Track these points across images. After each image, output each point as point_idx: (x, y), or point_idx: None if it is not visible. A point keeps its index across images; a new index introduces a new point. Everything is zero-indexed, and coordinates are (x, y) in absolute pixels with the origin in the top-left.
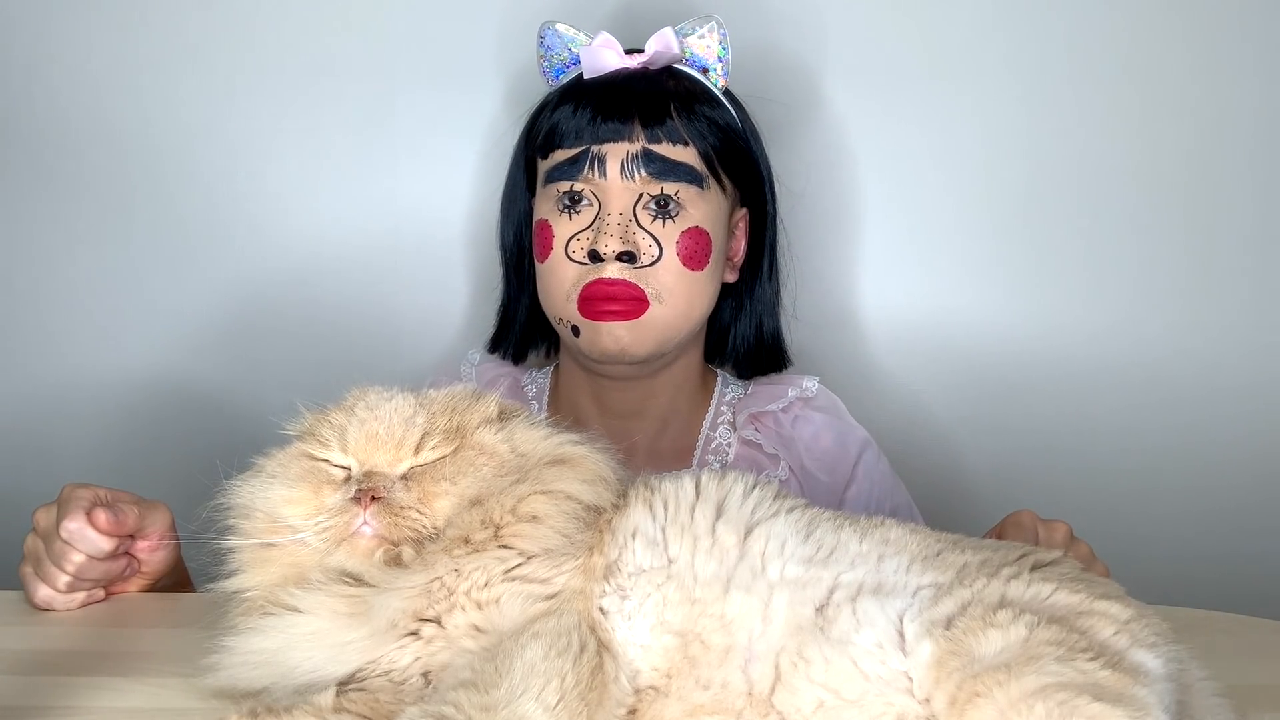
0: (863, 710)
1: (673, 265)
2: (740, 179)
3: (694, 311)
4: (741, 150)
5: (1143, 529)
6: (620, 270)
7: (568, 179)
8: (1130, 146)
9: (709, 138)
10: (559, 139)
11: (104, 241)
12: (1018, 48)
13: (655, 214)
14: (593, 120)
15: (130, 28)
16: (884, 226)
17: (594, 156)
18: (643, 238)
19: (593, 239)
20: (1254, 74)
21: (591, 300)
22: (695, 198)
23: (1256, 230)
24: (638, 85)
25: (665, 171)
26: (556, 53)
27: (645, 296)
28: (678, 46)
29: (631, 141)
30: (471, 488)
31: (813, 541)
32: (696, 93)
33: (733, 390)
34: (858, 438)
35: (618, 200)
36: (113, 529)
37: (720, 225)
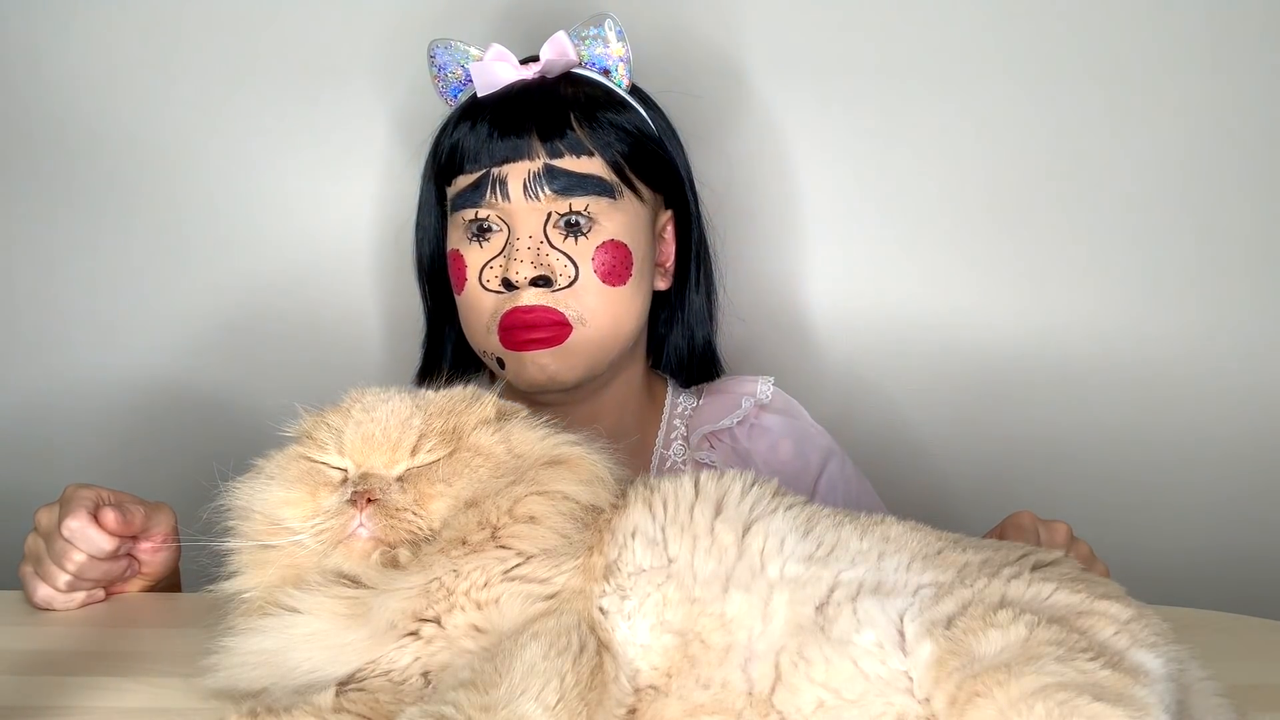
0: (863, 710)
1: (591, 284)
2: (658, 183)
3: (622, 328)
4: (654, 153)
5: (1143, 529)
6: (537, 296)
7: (472, 206)
8: (1122, 146)
9: (616, 144)
10: (459, 163)
11: (104, 243)
12: (987, 40)
13: (567, 232)
14: (489, 140)
15: (130, 29)
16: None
17: (495, 180)
18: (556, 258)
19: (505, 266)
20: (1254, 71)
21: (511, 330)
22: (607, 209)
23: (1256, 230)
24: (533, 97)
25: (571, 187)
26: (450, 70)
27: (566, 320)
28: (573, 50)
29: (532, 159)
30: (467, 489)
31: (812, 539)
32: (599, 97)
33: (684, 401)
34: (819, 447)
35: (525, 223)
36: (120, 529)
37: (641, 233)
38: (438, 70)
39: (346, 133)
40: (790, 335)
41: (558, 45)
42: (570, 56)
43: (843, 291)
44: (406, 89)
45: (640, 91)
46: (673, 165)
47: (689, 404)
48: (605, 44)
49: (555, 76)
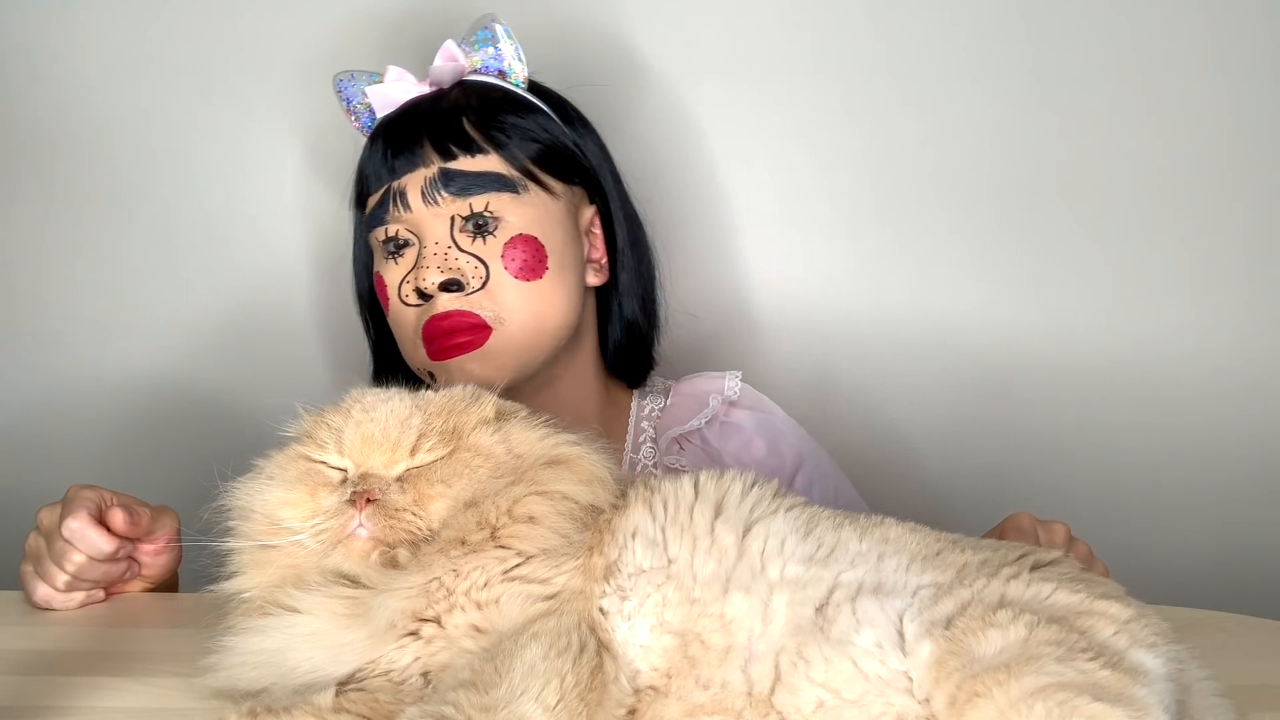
0: (863, 710)
1: (505, 281)
2: (571, 177)
3: (546, 323)
4: (561, 148)
5: (1143, 529)
6: (451, 301)
7: (380, 224)
8: (1121, 145)
9: (515, 141)
10: (366, 186)
11: (104, 243)
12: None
13: (474, 233)
14: (386, 156)
15: (130, 29)
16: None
17: (395, 193)
18: (465, 261)
19: (416, 277)
20: (1253, 71)
21: (432, 340)
22: (512, 205)
23: (1256, 229)
24: (423, 108)
25: (469, 186)
26: (358, 101)
27: (484, 322)
28: (461, 56)
29: (427, 166)
30: (466, 490)
31: (812, 540)
32: (494, 99)
33: (651, 402)
34: (792, 443)
35: (431, 230)
36: (127, 530)
37: (557, 227)
38: (346, 103)
39: (348, 132)
40: (763, 337)
41: (444, 53)
42: (459, 62)
43: (829, 292)
44: None
45: (542, 88)
46: (582, 158)
47: (656, 405)
48: (495, 46)
49: (449, 86)
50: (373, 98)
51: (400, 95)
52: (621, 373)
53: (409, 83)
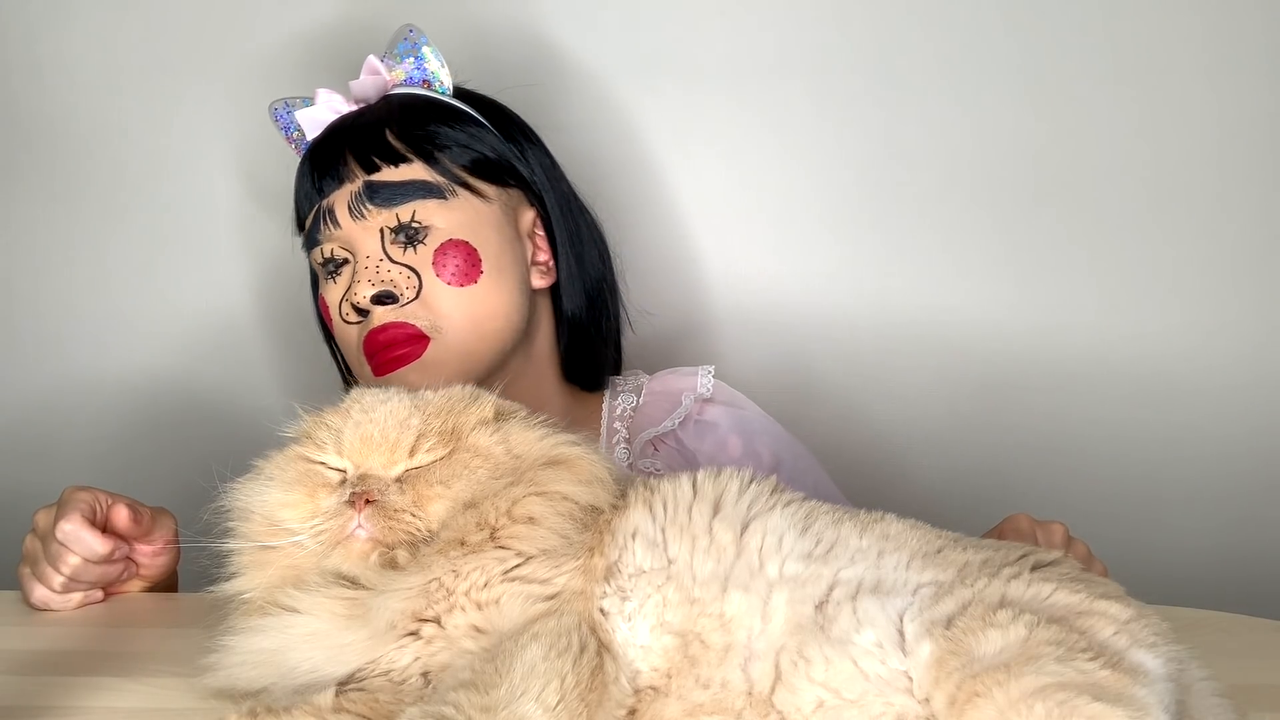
0: (863, 710)
1: (438, 289)
2: (504, 180)
3: (486, 328)
4: (490, 151)
5: (1143, 529)
6: (386, 314)
7: (315, 245)
8: (1120, 144)
9: (440, 146)
10: (301, 211)
11: (104, 243)
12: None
13: (405, 244)
14: (313, 178)
15: (130, 29)
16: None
17: (324, 211)
18: (398, 273)
19: (351, 293)
20: (1253, 70)
21: (373, 355)
22: (439, 211)
23: (1256, 229)
24: (346, 124)
25: (393, 196)
26: (295, 130)
27: (421, 332)
28: (385, 71)
29: (352, 181)
30: (465, 491)
31: (811, 536)
32: (418, 107)
33: (623, 401)
34: (767, 444)
35: (362, 245)
36: (129, 528)
37: (491, 230)
38: (284, 131)
39: None
40: (759, 337)
41: (367, 68)
42: (382, 76)
43: (827, 291)
44: None
45: (472, 94)
46: (514, 162)
47: (628, 404)
48: (415, 56)
49: (374, 102)
50: (302, 122)
51: (327, 116)
52: (574, 375)
53: (337, 102)
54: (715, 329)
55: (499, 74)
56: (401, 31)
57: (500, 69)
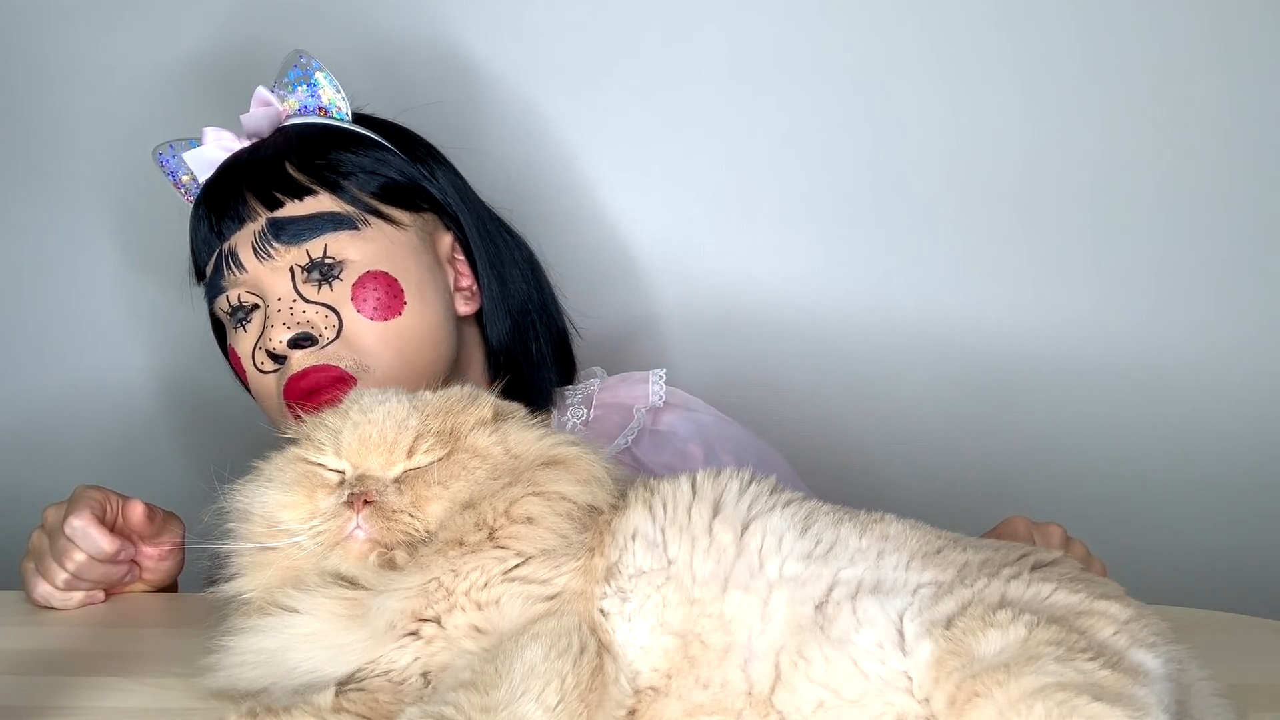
0: (862, 710)
1: (360, 326)
2: (416, 205)
3: (416, 361)
4: (398, 175)
5: (1143, 529)
6: (306, 358)
7: (219, 293)
8: (1120, 144)
9: (344, 174)
10: (199, 259)
11: (105, 243)
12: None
13: (319, 281)
14: (210, 221)
15: (131, 29)
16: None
17: (225, 256)
18: (315, 312)
19: (265, 339)
20: (1254, 70)
21: (297, 403)
22: (353, 243)
23: (1256, 229)
24: (241, 161)
25: (301, 231)
26: (183, 173)
27: (345, 373)
28: (276, 101)
29: (254, 220)
30: (464, 491)
31: (811, 536)
32: (316, 136)
33: (573, 415)
34: (729, 450)
35: (272, 287)
36: (143, 525)
37: (410, 259)
38: (171, 176)
39: None
40: (757, 336)
41: (257, 99)
42: (274, 107)
43: (826, 292)
44: None
45: (371, 118)
46: (424, 185)
47: (577, 417)
48: (307, 83)
49: (268, 135)
50: (191, 163)
51: (218, 155)
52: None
53: (227, 140)
54: (712, 330)
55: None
56: (291, 58)
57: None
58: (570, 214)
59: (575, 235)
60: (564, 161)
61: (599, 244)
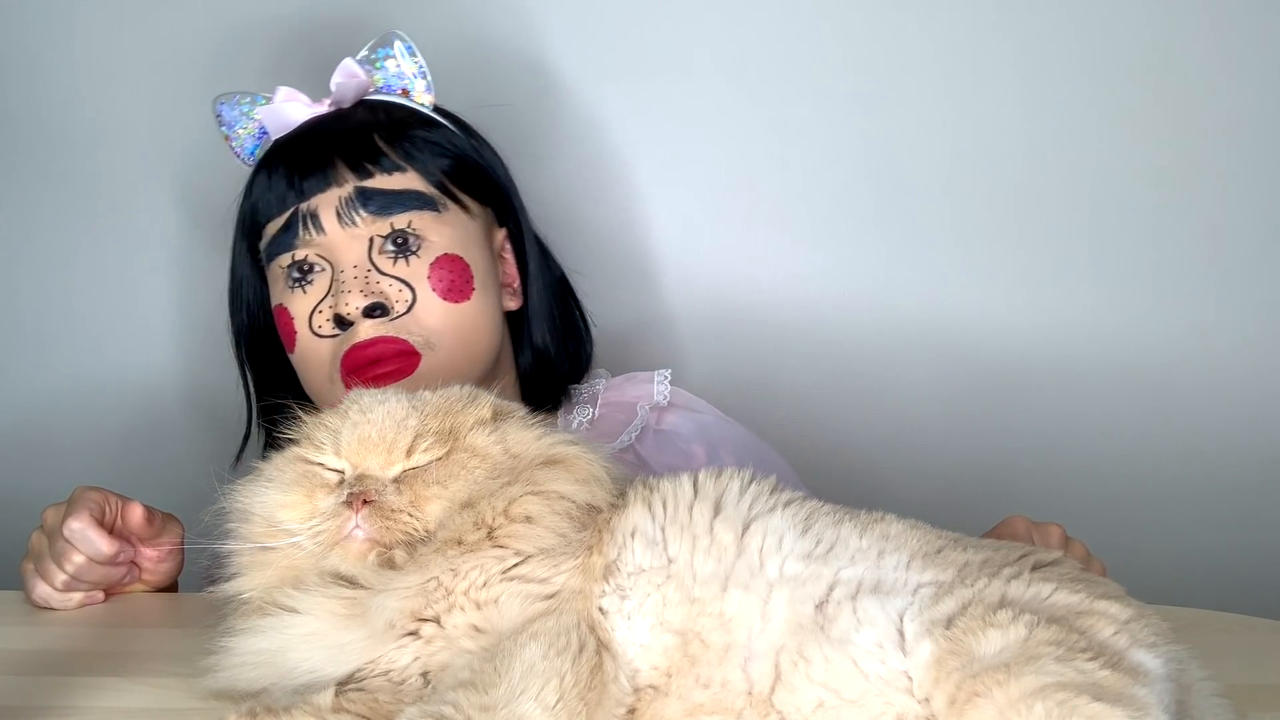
0: (862, 710)
1: (432, 304)
2: (483, 197)
3: (475, 348)
4: (473, 165)
5: (1143, 529)
6: (375, 327)
7: (286, 249)
8: (1120, 144)
9: (431, 158)
10: (265, 212)
11: (106, 243)
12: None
13: (395, 254)
14: (291, 179)
15: (132, 28)
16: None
17: (305, 215)
18: (389, 285)
19: (334, 303)
20: (1254, 70)
21: (355, 371)
22: (434, 224)
23: (1256, 229)
24: (330, 127)
25: (389, 204)
26: (241, 127)
27: (413, 348)
28: (363, 73)
29: (341, 185)
30: (463, 491)
31: (811, 536)
32: (402, 117)
33: (579, 414)
34: (731, 451)
35: (348, 253)
36: (142, 528)
37: (477, 248)
38: (227, 129)
39: None
40: (756, 337)
41: (345, 70)
42: (361, 79)
43: (825, 292)
44: None
45: (445, 111)
46: (494, 178)
47: (583, 417)
48: (397, 64)
49: (350, 105)
50: (265, 118)
51: (297, 115)
52: (532, 400)
53: (301, 102)
54: (712, 331)
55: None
56: (386, 37)
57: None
58: (571, 216)
59: (577, 237)
60: (563, 163)
61: (601, 246)
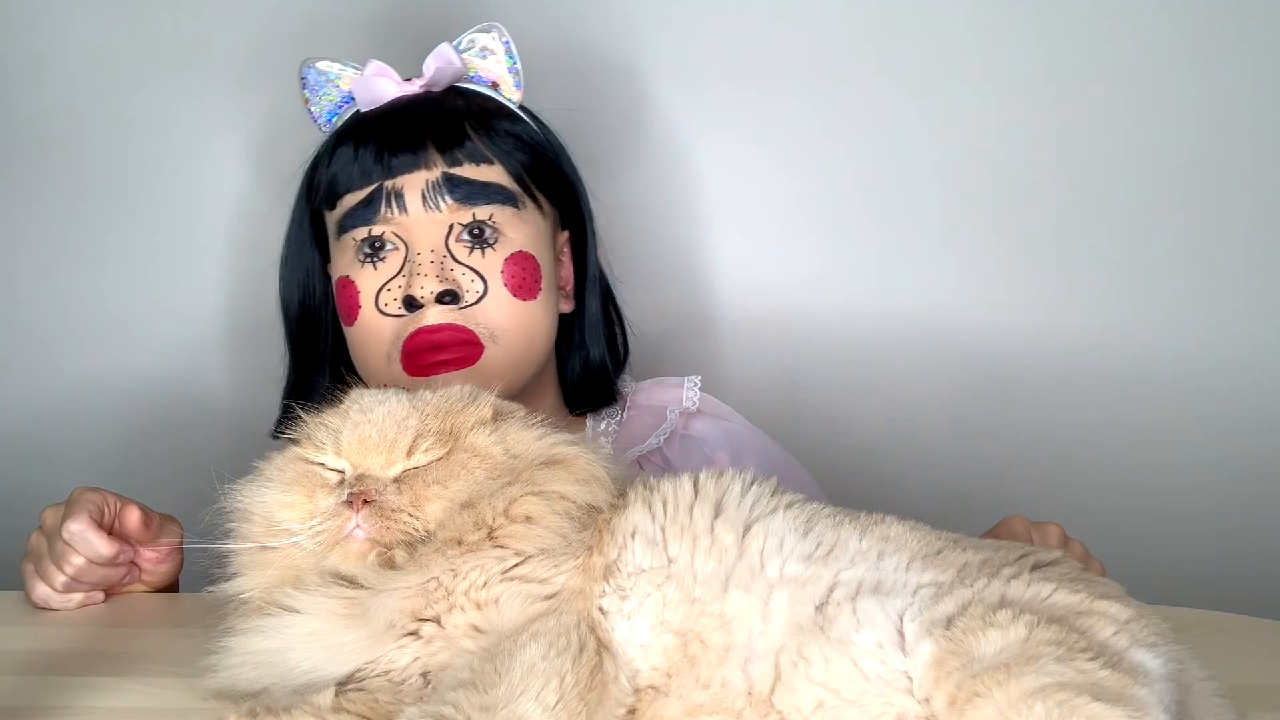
0: (862, 710)
1: (501, 298)
2: (555, 198)
3: (534, 347)
4: (552, 165)
5: (1142, 529)
6: (443, 314)
7: (363, 224)
8: (1121, 145)
9: (515, 154)
10: (346, 183)
11: (105, 243)
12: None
13: (472, 245)
14: (379, 155)
15: (131, 27)
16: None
17: (389, 192)
18: (462, 273)
19: (405, 284)
20: (1253, 70)
21: (417, 354)
22: (513, 220)
23: (1256, 230)
24: (423, 109)
25: (474, 195)
26: (324, 93)
27: (477, 339)
28: (459, 62)
29: (429, 169)
30: (463, 491)
31: (812, 538)
32: (491, 109)
33: (608, 416)
34: (756, 460)
35: (426, 236)
36: (139, 530)
37: (545, 249)
38: (310, 93)
39: None
40: (759, 338)
41: (443, 56)
42: (457, 67)
43: (826, 293)
44: None
45: (526, 109)
46: (569, 179)
47: (612, 419)
48: (493, 57)
49: (441, 90)
50: (356, 88)
51: (386, 90)
52: (575, 406)
53: (392, 78)
54: (707, 332)
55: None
56: (486, 28)
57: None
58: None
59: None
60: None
61: (613, 254)
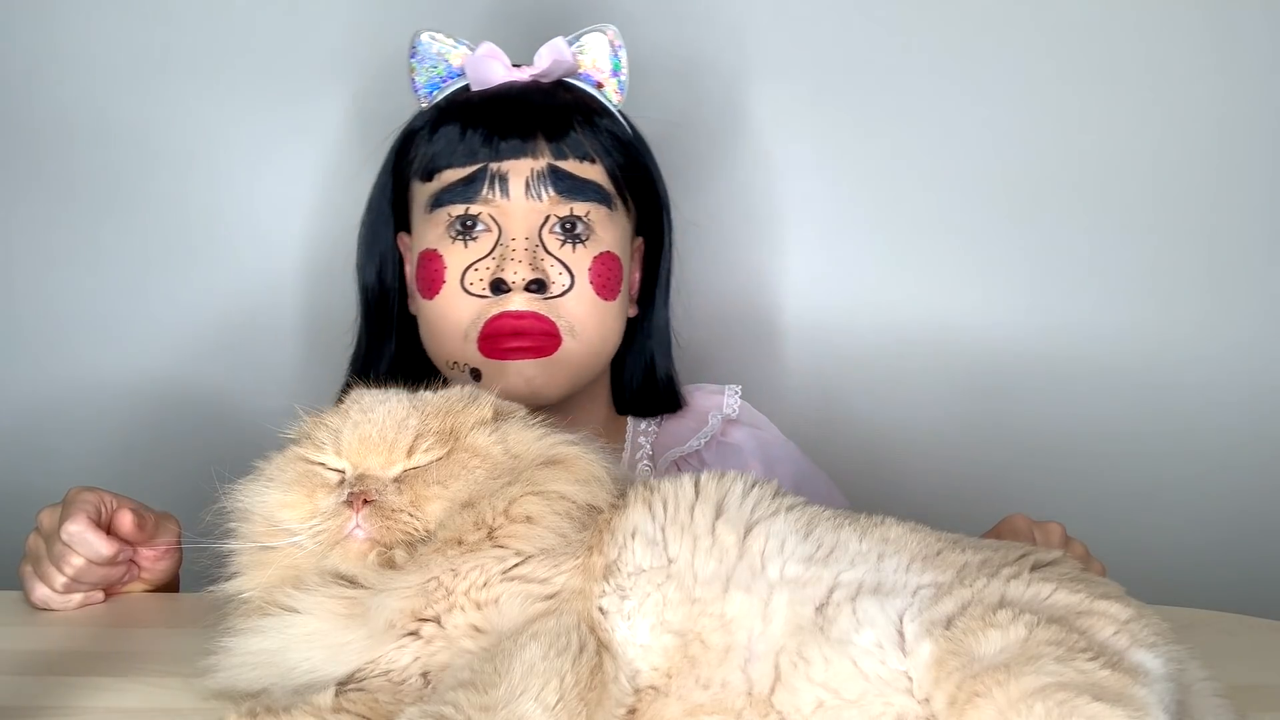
0: (862, 710)
1: (585, 295)
2: (641, 202)
3: (606, 346)
4: (644, 171)
5: (1143, 529)
6: (528, 302)
7: (462, 201)
8: (1122, 145)
9: (614, 154)
10: (447, 159)
11: (104, 243)
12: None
13: (564, 238)
14: (489, 137)
15: (132, 28)
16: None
17: (494, 175)
18: (551, 265)
19: (496, 267)
20: (1257, 72)
21: (496, 337)
22: (605, 220)
23: (1256, 230)
24: (534, 98)
25: (575, 190)
26: (431, 65)
27: (557, 330)
28: (571, 58)
29: (536, 158)
30: (463, 491)
31: (812, 540)
32: (595, 107)
33: (648, 420)
34: (788, 472)
35: (522, 223)
36: (133, 533)
37: (626, 252)
38: (417, 62)
39: (347, 132)
40: (763, 340)
41: (557, 50)
42: (569, 62)
43: (826, 294)
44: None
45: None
46: (656, 185)
47: (653, 420)
48: (601, 57)
49: (550, 82)
50: (468, 65)
51: (497, 74)
52: (633, 410)
53: (503, 63)
54: (717, 337)
55: None
56: (600, 27)
57: None
58: None
59: None
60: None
61: None
